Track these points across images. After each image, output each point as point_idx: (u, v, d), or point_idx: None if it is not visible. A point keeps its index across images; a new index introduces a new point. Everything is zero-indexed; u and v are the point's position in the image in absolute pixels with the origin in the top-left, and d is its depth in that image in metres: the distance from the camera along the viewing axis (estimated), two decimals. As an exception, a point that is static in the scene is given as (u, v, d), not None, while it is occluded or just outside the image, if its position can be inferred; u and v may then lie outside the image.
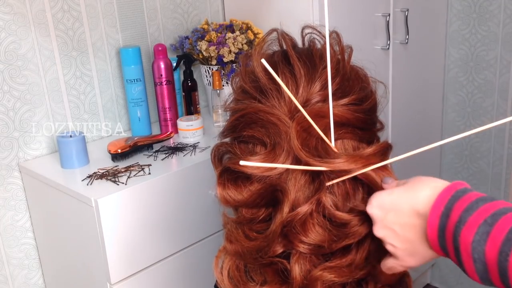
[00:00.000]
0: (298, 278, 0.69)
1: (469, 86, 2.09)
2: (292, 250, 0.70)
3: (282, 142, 0.68)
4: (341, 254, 0.70)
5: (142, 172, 1.26)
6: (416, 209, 0.59)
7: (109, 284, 1.20)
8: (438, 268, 2.39)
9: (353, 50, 0.76)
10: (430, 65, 2.04)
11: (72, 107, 1.48)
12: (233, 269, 0.75)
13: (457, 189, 0.57)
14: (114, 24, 1.53)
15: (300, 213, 0.67)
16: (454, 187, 0.57)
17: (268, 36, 0.78)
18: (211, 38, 1.58)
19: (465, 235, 0.52)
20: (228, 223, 0.75)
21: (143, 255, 1.24)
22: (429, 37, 1.99)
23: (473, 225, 0.52)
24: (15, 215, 1.42)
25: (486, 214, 0.52)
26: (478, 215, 0.52)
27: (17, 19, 1.34)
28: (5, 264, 1.43)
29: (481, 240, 0.51)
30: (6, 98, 1.35)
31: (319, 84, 0.70)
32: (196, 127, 1.46)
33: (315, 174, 0.69)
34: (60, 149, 1.32)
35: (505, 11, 1.91)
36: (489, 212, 0.52)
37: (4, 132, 1.36)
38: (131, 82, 1.46)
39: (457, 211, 0.54)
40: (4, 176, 1.38)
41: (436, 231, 0.56)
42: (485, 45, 2.00)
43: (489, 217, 0.51)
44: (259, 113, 0.70)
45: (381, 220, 0.63)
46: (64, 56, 1.44)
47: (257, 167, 0.68)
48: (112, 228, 1.17)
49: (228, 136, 0.76)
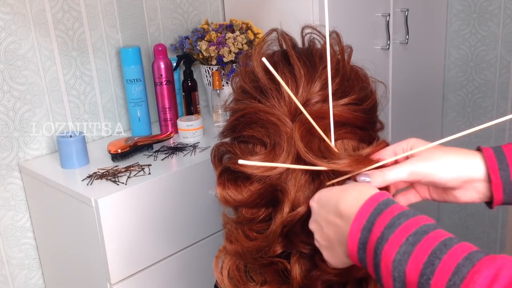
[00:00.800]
0: (298, 278, 0.70)
1: (469, 86, 2.09)
2: (292, 250, 0.70)
3: (282, 142, 0.68)
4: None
5: (142, 172, 1.26)
6: (339, 209, 0.59)
7: (109, 284, 1.20)
8: (438, 268, 2.39)
9: (353, 50, 0.76)
10: (430, 65, 2.04)
11: (72, 107, 1.48)
12: (233, 269, 0.75)
13: (379, 201, 0.57)
14: (114, 24, 1.53)
15: (300, 213, 0.68)
16: (377, 198, 0.57)
17: (268, 36, 0.78)
18: (211, 38, 1.58)
19: (386, 253, 0.52)
20: (228, 223, 0.75)
21: (143, 255, 1.24)
22: (429, 37, 1.99)
23: (395, 243, 0.52)
24: (15, 215, 1.42)
25: (408, 232, 0.52)
26: (400, 233, 0.52)
27: (17, 19, 1.34)
28: (5, 264, 1.43)
29: (402, 260, 0.50)
30: (6, 98, 1.35)
31: (319, 84, 0.70)
32: (196, 127, 1.46)
33: (315, 174, 0.69)
34: (60, 149, 1.32)
35: (505, 11, 1.91)
36: (411, 230, 0.52)
37: (4, 132, 1.36)
38: (131, 82, 1.46)
39: (379, 227, 0.54)
40: (4, 176, 1.38)
41: (357, 245, 0.56)
42: (485, 45, 2.00)
43: (410, 236, 0.51)
44: (259, 113, 0.70)
45: (314, 214, 0.64)
46: (64, 56, 1.44)
47: (257, 167, 0.68)
48: (112, 228, 1.17)
49: (228, 136, 0.76)
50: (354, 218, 0.57)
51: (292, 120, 0.70)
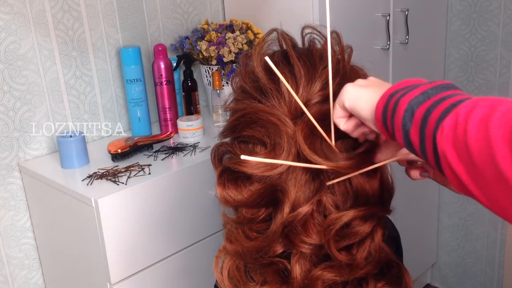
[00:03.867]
0: (298, 278, 0.70)
1: (469, 86, 2.09)
2: (293, 250, 0.70)
3: (282, 142, 0.68)
4: (342, 254, 0.70)
5: (142, 172, 1.26)
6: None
7: (109, 284, 1.20)
8: (438, 268, 2.39)
9: (353, 50, 0.76)
10: (430, 65, 2.04)
11: (72, 107, 1.48)
12: (233, 269, 0.75)
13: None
14: (114, 24, 1.53)
15: (301, 213, 0.68)
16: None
17: (268, 36, 0.78)
18: (211, 38, 1.58)
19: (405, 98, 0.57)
20: (228, 223, 0.75)
21: (143, 255, 1.24)
22: (429, 37, 1.99)
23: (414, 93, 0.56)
24: (15, 215, 1.42)
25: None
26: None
27: (17, 19, 1.34)
28: (5, 264, 1.43)
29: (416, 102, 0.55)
30: (6, 98, 1.35)
31: (319, 84, 0.70)
32: (196, 127, 1.46)
33: (315, 174, 0.69)
34: (60, 149, 1.32)
35: (505, 11, 1.91)
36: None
37: (4, 132, 1.36)
38: (131, 82, 1.46)
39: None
40: (4, 176, 1.38)
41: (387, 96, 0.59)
42: (485, 45, 2.00)
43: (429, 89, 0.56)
44: (259, 113, 0.70)
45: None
46: (64, 56, 1.44)
47: (257, 167, 0.68)
48: (112, 228, 1.17)
49: (228, 136, 0.76)
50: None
51: (292, 120, 0.70)
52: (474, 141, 0.47)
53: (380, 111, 0.59)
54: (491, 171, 0.46)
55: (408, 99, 0.56)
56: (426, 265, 2.36)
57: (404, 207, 1.92)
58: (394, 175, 0.74)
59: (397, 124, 0.56)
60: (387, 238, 0.73)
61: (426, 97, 0.55)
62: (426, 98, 0.54)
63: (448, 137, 0.50)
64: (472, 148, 0.48)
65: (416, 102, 0.55)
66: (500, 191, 0.47)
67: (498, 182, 0.46)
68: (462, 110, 0.50)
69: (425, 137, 0.53)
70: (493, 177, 0.46)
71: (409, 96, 0.56)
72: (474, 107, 0.49)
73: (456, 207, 2.23)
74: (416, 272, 2.26)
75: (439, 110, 0.52)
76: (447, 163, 0.51)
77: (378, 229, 0.71)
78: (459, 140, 0.49)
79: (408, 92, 0.57)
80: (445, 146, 0.50)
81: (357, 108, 0.62)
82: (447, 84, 0.56)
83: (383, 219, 0.73)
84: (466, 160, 0.49)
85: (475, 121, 0.48)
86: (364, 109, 0.62)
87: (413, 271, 1.84)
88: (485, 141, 0.46)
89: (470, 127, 0.48)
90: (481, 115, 0.48)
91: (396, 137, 0.58)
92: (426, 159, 0.55)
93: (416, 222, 2.16)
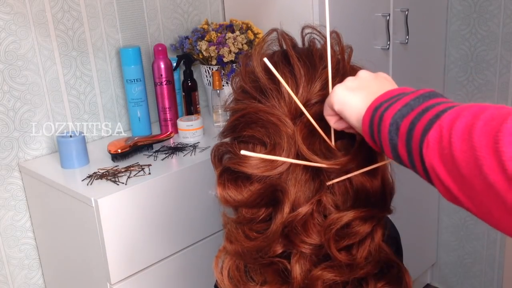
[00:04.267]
0: (298, 278, 0.70)
1: (469, 86, 2.09)
2: (293, 250, 0.70)
3: (282, 142, 0.68)
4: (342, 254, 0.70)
5: (142, 172, 1.26)
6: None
7: (109, 284, 1.20)
8: (438, 268, 2.39)
9: (353, 50, 0.76)
10: (430, 65, 2.04)
11: (72, 107, 1.48)
12: (233, 269, 0.75)
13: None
14: (114, 24, 1.53)
15: (301, 213, 0.68)
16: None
17: (268, 36, 0.78)
18: (211, 38, 1.58)
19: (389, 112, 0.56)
20: (228, 223, 0.75)
21: (143, 255, 1.24)
22: (429, 37, 1.99)
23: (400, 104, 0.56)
24: (15, 215, 1.42)
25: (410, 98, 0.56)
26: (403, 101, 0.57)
27: (17, 19, 1.34)
28: (5, 264, 1.43)
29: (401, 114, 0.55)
30: (6, 98, 1.35)
31: (319, 84, 0.70)
32: (196, 127, 1.46)
33: (315, 174, 0.69)
34: (60, 149, 1.32)
35: (505, 11, 1.91)
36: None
37: (4, 132, 1.36)
38: (131, 82, 1.46)
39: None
40: (4, 176, 1.38)
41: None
42: (485, 45, 2.00)
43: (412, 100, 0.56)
44: (259, 113, 0.70)
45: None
46: (64, 56, 1.44)
47: (257, 167, 0.68)
48: (112, 228, 1.17)
49: (228, 136, 0.76)
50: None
51: (292, 120, 0.70)
52: (459, 152, 0.46)
53: (366, 125, 0.59)
54: (480, 182, 0.45)
55: (391, 113, 0.55)
56: (426, 265, 2.36)
57: (404, 207, 1.92)
58: (394, 175, 0.74)
59: (384, 139, 0.56)
60: (387, 238, 0.73)
61: (410, 109, 0.54)
62: (410, 110, 0.54)
63: (434, 150, 0.49)
64: (458, 160, 0.47)
65: (399, 116, 0.54)
66: (490, 201, 0.46)
67: (487, 192, 0.45)
68: (445, 121, 0.49)
69: (412, 150, 0.53)
70: (482, 188, 0.45)
71: (392, 109, 0.55)
72: (457, 117, 0.48)
73: (456, 207, 2.23)
74: (416, 272, 2.26)
75: (422, 122, 0.51)
76: (436, 176, 0.50)
77: (378, 229, 0.71)
78: (445, 153, 0.48)
79: (392, 105, 0.56)
80: (432, 159, 0.50)
81: (345, 114, 0.63)
82: (429, 93, 0.55)
83: (383, 219, 0.73)
84: (454, 172, 0.48)
85: (458, 131, 0.47)
86: (352, 117, 0.62)
87: (413, 271, 1.84)
88: (470, 152, 0.45)
89: (454, 139, 0.47)
90: (464, 125, 0.47)
91: (385, 151, 0.58)
92: (416, 172, 0.55)
93: (416, 222, 2.16)
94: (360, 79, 0.65)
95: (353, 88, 0.63)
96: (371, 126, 0.58)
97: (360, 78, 0.65)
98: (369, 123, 0.58)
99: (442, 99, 0.55)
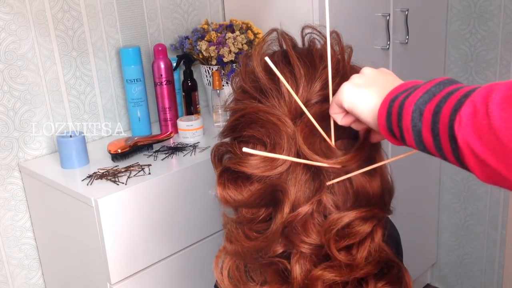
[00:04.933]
0: (298, 278, 0.69)
1: (469, 86, 2.09)
2: (293, 250, 0.70)
3: (282, 142, 0.68)
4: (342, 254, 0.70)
5: (142, 172, 1.26)
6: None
7: (109, 284, 1.20)
8: (438, 268, 2.39)
9: (353, 50, 0.76)
10: (430, 65, 2.04)
11: (72, 107, 1.48)
12: (233, 269, 0.75)
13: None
14: (114, 24, 1.53)
15: (301, 213, 0.67)
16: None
17: (268, 36, 0.78)
18: (211, 38, 1.58)
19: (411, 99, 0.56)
20: (228, 223, 0.75)
21: (143, 255, 1.24)
22: (429, 37, 1.99)
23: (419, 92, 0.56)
24: (15, 215, 1.42)
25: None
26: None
27: (17, 19, 1.34)
28: (5, 264, 1.43)
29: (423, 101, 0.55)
30: (6, 98, 1.35)
31: (319, 84, 0.70)
32: (196, 127, 1.46)
33: (315, 174, 0.69)
34: (60, 149, 1.32)
35: (505, 11, 1.91)
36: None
37: (4, 132, 1.36)
38: (131, 82, 1.46)
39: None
40: (4, 176, 1.38)
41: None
42: (485, 45, 2.00)
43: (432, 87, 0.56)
44: (259, 113, 0.70)
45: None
46: (64, 56, 1.44)
47: (257, 167, 0.68)
48: (112, 228, 1.17)
49: (228, 136, 0.76)
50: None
51: (292, 120, 0.70)
52: (500, 122, 0.47)
53: (383, 117, 0.59)
54: None
55: (413, 101, 0.55)
56: (426, 265, 2.36)
57: (404, 207, 1.91)
58: (394, 175, 0.74)
59: (405, 127, 0.56)
60: (387, 238, 0.73)
61: (431, 95, 0.54)
62: (432, 96, 0.54)
63: (468, 126, 0.49)
64: (499, 129, 0.47)
65: (422, 102, 0.54)
66: None
67: None
68: (478, 96, 0.49)
69: (439, 133, 0.53)
70: None
71: (413, 97, 0.56)
72: (491, 91, 0.49)
73: (456, 207, 2.23)
74: (416, 272, 2.26)
75: (450, 103, 0.52)
76: (471, 152, 0.50)
77: (378, 229, 0.71)
78: (482, 125, 0.48)
79: (411, 94, 0.56)
80: (466, 135, 0.49)
81: (356, 111, 0.62)
82: (449, 80, 0.56)
83: (383, 219, 0.73)
84: (493, 143, 0.48)
85: (496, 102, 0.47)
86: (364, 113, 0.61)
87: (413, 271, 1.84)
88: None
89: (493, 109, 0.47)
90: (501, 96, 0.47)
91: (407, 140, 0.57)
92: (443, 156, 0.54)
93: (416, 222, 2.16)
94: (366, 75, 0.65)
95: (361, 84, 0.63)
96: (389, 117, 0.58)
97: (366, 75, 0.65)
98: (386, 114, 0.58)
99: (461, 84, 0.55)
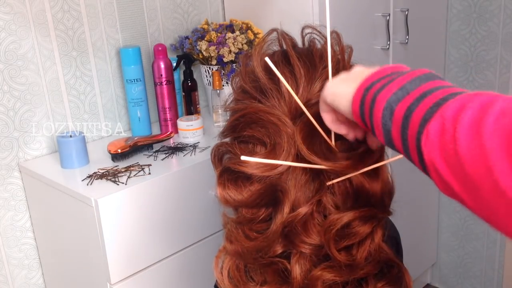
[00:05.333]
0: (298, 278, 0.69)
1: (469, 86, 2.09)
2: (293, 250, 0.70)
3: (282, 142, 0.68)
4: (342, 254, 0.70)
5: (142, 172, 1.26)
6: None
7: (109, 284, 1.20)
8: (438, 268, 2.39)
9: (353, 50, 0.76)
10: (430, 65, 2.04)
11: (72, 107, 1.48)
12: (233, 269, 0.75)
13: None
14: (114, 24, 1.53)
15: (301, 213, 0.68)
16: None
17: (268, 36, 0.78)
18: (211, 38, 1.58)
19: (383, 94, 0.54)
20: (228, 223, 0.75)
21: (143, 255, 1.24)
22: (429, 37, 1.99)
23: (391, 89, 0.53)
24: (15, 215, 1.42)
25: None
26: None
27: (17, 19, 1.34)
28: (5, 264, 1.43)
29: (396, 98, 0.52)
30: (6, 98, 1.35)
31: (319, 84, 0.70)
32: (196, 127, 1.46)
33: (315, 174, 0.69)
34: (60, 149, 1.32)
35: (505, 11, 1.91)
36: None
37: (4, 132, 1.36)
38: (131, 82, 1.46)
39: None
40: (4, 176, 1.38)
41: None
42: (485, 45, 2.00)
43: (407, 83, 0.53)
44: (259, 113, 0.70)
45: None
46: (64, 56, 1.44)
47: (257, 167, 0.68)
48: (112, 228, 1.17)
49: (228, 136, 0.76)
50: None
51: (292, 120, 0.70)
52: (466, 149, 0.42)
53: (357, 105, 0.56)
54: (488, 185, 0.41)
55: (386, 97, 0.52)
56: (426, 265, 2.36)
57: (404, 207, 1.91)
58: (394, 175, 0.74)
59: (376, 122, 0.53)
60: (387, 238, 0.73)
61: (405, 92, 0.50)
62: (405, 94, 0.50)
63: (434, 143, 0.45)
64: (464, 158, 0.42)
65: (394, 100, 0.51)
66: (498, 205, 0.41)
67: (496, 197, 0.41)
68: (449, 112, 0.44)
69: (407, 139, 0.49)
70: (489, 190, 0.41)
71: (386, 92, 0.52)
72: (462, 109, 0.44)
73: (456, 207, 2.23)
74: (416, 272, 2.26)
75: (421, 110, 0.47)
76: (435, 170, 0.46)
77: (378, 229, 0.71)
78: (449, 148, 0.44)
79: (385, 86, 0.53)
80: (432, 153, 0.46)
81: (336, 103, 0.61)
82: (426, 75, 0.52)
83: (384, 219, 0.73)
84: (456, 169, 0.43)
85: (464, 126, 0.42)
86: (343, 103, 0.60)
87: (413, 271, 1.84)
88: (478, 151, 0.41)
89: (460, 134, 0.42)
90: (470, 119, 0.42)
91: (376, 134, 0.55)
92: (410, 160, 0.51)
93: (416, 222, 2.16)
94: (353, 72, 0.63)
95: (344, 79, 0.62)
96: (362, 107, 0.55)
97: (353, 72, 0.63)
98: (360, 103, 0.55)
99: (440, 81, 0.50)
